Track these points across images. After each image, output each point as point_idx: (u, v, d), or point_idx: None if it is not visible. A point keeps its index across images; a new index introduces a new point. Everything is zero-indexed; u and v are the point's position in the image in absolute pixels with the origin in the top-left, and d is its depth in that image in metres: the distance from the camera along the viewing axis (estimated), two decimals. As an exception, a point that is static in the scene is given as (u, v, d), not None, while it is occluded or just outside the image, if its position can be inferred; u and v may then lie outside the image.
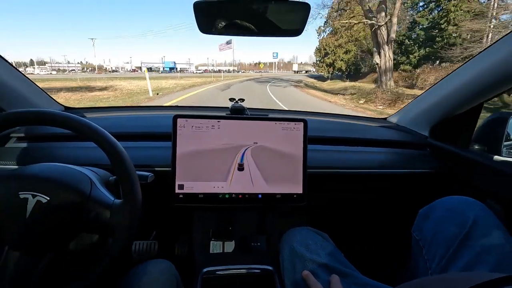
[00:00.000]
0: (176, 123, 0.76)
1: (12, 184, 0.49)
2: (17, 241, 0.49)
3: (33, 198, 0.48)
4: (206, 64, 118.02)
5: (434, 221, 0.64)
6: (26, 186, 0.49)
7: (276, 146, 0.80)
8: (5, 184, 0.50)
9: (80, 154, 0.84)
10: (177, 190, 0.77)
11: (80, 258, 0.65)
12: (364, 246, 1.26)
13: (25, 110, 0.52)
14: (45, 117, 0.51)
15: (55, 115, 0.51)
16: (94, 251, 0.66)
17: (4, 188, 0.49)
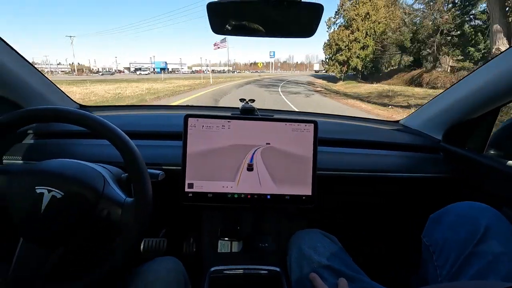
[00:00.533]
0: (187, 122, 0.77)
1: (29, 179, 0.51)
2: (32, 234, 0.51)
3: (48, 193, 0.49)
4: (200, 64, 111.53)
5: (445, 226, 0.62)
6: (42, 181, 0.50)
7: (286, 147, 0.79)
8: (23, 179, 0.51)
9: (94, 151, 0.86)
10: (187, 189, 0.78)
11: (90, 253, 0.66)
12: (373, 250, 1.24)
13: (44, 107, 0.53)
14: (62, 115, 0.53)
15: (72, 113, 0.53)
16: (104, 247, 0.67)
17: (21, 182, 0.51)
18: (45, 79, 0.98)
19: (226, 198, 0.79)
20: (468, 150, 0.93)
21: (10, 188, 0.51)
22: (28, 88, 0.90)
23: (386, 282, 0.63)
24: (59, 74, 57.89)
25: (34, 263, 0.50)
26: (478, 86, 0.83)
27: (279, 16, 0.68)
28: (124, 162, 0.54)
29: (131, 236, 0.52)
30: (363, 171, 0.92)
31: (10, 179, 0.52)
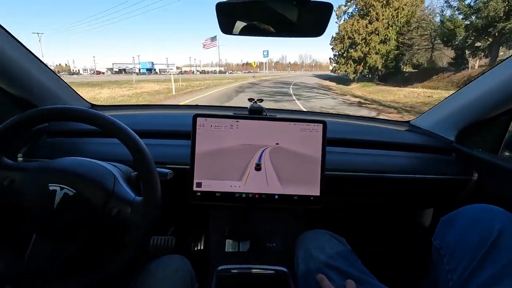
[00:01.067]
0: (196, 122, 0.78)
1: (43, 176, 0.52)
2: (44, 229, 0.52)
3: (61, 191, 0.50)
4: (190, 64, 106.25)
5: (457, 229, 0.60)
6: (55, 178, 0.51)
7: (294, 147, 0.79)
8: (37, 176, 0.53)
9: (105, 150, 0.87)
10: (195, 188, 0.78)
11: (100, 250, 0.67)
12: (382, 252, 1.23)
13: (59, 106, 0.55)
14: (76, 114, 0.54)
15: (85, 113, 0.54)
16: (113, 245, 0.68)
17: (35, 179, 0.52)
18: (58, 79, 1.01)
19: (234, 197, 0.79)
20: (483, 152, 0.91)
21: (24, 184, 0.52)
22: (42, 88, 0.93)
23: (395, 285, 0.62)
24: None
25: (46, 258, 0.52)
26: (494, 85, 0.80)
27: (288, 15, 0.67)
28: (133, 160, 0.55)
29: (140, 234, 0.53)
30: (372, 172, 0.91)
31: (25, 176, 0.53)
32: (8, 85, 0.85)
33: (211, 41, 42.10)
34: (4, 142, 0.54)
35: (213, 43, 42.17)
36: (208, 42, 42.84)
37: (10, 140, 0.54)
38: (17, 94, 0.88)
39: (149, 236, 0.54)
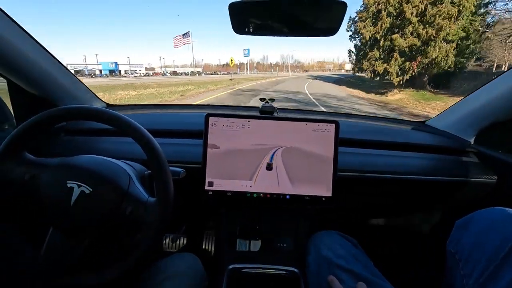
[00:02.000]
0: (208, 121, 0.78)
1: (62, 173, 0.54)
2: (61, 225, 0.54)
3: (78, 188, 0.52)
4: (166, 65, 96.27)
5: (474, 233, 0.58)
6: (73, 176, 0.53)
7: (306, 148, 0.78)
8: (56, 172, 0.55)
9: (120, 148, 0.89)
10: (207, 187, 0.79)
11: (113, 247, 0.69)
12: (394, 255, 1.20)
13: (76, 106, 0.57)
14: (93, 114, 0.56)
15: (101, 112, 0.56)
16: (126, 243, 0.70)
17: (55, 176, 0.54)
18: (76, 80, 1.04)
19: (245, 197, 0.79)
20: (504, 153, 0.87)
21: (44, 180, 0.54)
22: (61, 88, 0.96)
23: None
24: None
25: (62, 251, 0.54)
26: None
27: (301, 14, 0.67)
28: (147, 159, 0.56)
29: (152, 234, 0.54)
30: (386, 173, 0.89)
31: (45, 172, 0.55)
32: (30, 86, 0.88)
33: (183, 37, 35.74)
34: (27, 139, 0.56)
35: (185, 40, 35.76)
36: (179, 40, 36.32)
37: (31, 138, 0.56)
38: (38, 94, 0.91)
39: (161, 235, 0.55)
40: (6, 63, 0.78)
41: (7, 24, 0.74)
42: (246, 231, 0.91)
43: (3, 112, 0.89)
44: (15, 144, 0.55)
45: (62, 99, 0.97)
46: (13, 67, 0.80)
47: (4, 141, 0.54)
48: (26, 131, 0.55)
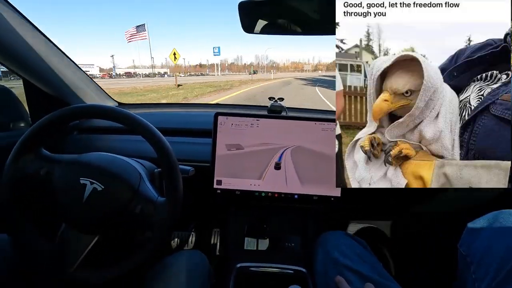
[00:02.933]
0: (217, 120, 0.78)
1: (75, 170, 0.55)
2: (73, 220, 0.55)
3: (90, 185, 0.53)
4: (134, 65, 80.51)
5: (486, 237, 0.56)
6: (86, 173, 0.54)
7: (315, 147, 0.78)
8: (70, 169, 0.56)
9: (130, 146, 0.90)
10: (215, 186, 0.79)
11: (122, 244, 0.69)
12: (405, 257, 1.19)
13: (89, 104, 0.57)
14: (105, 112, 0.57)
15: (113, 111, 0.56)
16: (135, 240, 0.70)
17: (68, 172, 0.55)
18: (89, 79, 1.05)
19: (254, 196, 0.79)
20: None
21: (58, 176, 0.55)
22: (75, 88, 0.97)
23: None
24: None
25: (73, 245, 0.54)
26: None
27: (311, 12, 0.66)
28: (157, 158, 0.56)
29: (161, 232, 0.54)
30: None
31: (60, 168, 0.56)
32: (45, 85, 0.89)
33: (137, 31, 29.06)
34: (42, 136, 0.57)
35: (140, 34, 29.22)
36: (133, 33, 29.38)
37: (47, 135, 0.57)
38: (53, 93, 0.92)
39: (169, 234, 0.55)
40: (22, 63, 0.80)
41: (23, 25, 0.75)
42: (254, 230, 0.90)
43: (19, 111, 0.91)
44: (31, 141, 0.55)
45: (75, 98, 0.98)
46: (29, 67, 0.82)
47: (21, 138, 0.55)
48: (42, 128, 0.55)
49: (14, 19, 0.73)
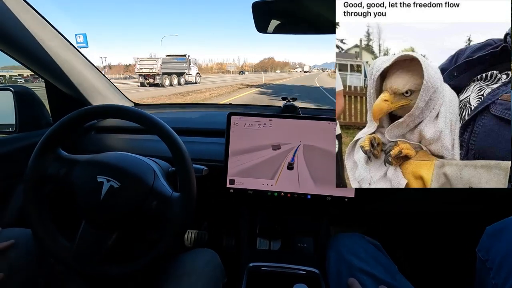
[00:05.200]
0: (230, 120, 0.79)
1: (92, 169, 0.58)
2: (92, 217, 0.57)
3: (107, 183, 0.55)
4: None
5: (506, 241, 0.54)
6: (102, 171, 0.57)
7: (328, 147, 0.77)
8: (87, 168, 0.58)
9: (146, 146, 0.93)
10: (228, 185, 0.80)
11: (139, 241, 0.72)
12: (422, 260, 1.15)
13: (108, 105, 0.60)
14: (122, 112, 0.59)
15: (130, 111, 0.59)
16: (152, 236, 0.73)
17: (85, 172, 0.58)
18: (106, 80, 1.10)
19: (266, 196, 0.79)
20: None
21: (77, 175, 0.58)
22: (93, 89, 1.02)
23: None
24: None
25: (94, 243, 0.57)
26: None
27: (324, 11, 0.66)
28: (172, 157, 0.58)
29: (177, 227, 0.56)
30: None
31: (78, 168, 0.59)
32: (66, 87, 0.95)
33: None
34: (61, 137, 0.60)
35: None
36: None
37: (66, 135, 0.60)
38: (72, 94, 0.97)
39: (185, 230, 0.57)
40: (45, 66, 0.85)
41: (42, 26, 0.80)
42: (266, 230, 0.91)
43: (41, 110, 0.97)
44: (51, 142, 0.59)
45: (93, 98, 1.03)
46: (50, 69, 0.86)
47: (40, 140, 0.58)
48: (60, 128, 0.58)
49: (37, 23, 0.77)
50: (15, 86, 0.91)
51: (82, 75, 0.96)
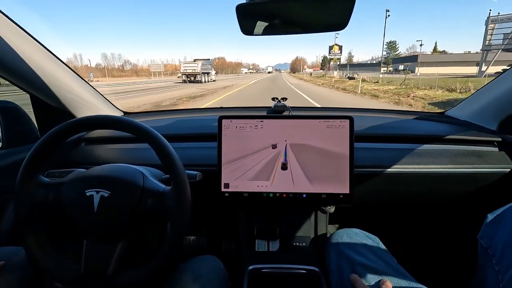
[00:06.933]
0: (221, 123, 0.79)
1: (79, 186, 0.56)
2: (91, 232, 0.56)
3: (97, 194, 0.55)
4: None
5: (508, 228, 0.55)
6: (90, 185, 0.56)
7: (321, 145, 0.77)
8: (74, 186, 0.57)
9: (138, 155, 0.92)
10: (223, 189, 0.79)
11: (147, 243, 0.71)
12: (420, 252, 1.17)
13: (95, 115, 0.59)
14: (111, 122, 0.58)
15: (119, 120, 0.58)
16: (158, 235, 0.72)
17: (73, 190, 0.57)
18: (93, 90, 1.08)
19: (262, 197, 0.79)
20: None
21: (66, 196, 0.57)
22: (79, 99, 1.00)
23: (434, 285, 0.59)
24: None
25: (100, 259, 0.55)
26: None
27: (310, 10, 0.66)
28: (162, 164, 0.58)
29: (176, 220, 0.56)
30: (406, 167, 0.87)
31: (64, 189, 0.57)
32: (50, 99, 0.92)
33: None
34: (43, 159, 0.58)
35: None
36: None
37: (48, 155, 0.58)
38: (58, 106, 0.95)
39: (187, 221, 0.56)
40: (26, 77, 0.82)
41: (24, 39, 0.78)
42: (264, 232, 0.91)
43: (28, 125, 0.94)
44: (33, 166, 0.57)
45: (80, 109, 1.01)
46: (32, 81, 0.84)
47: (22, 165, 0.56)
48: (40, 149, 0.57)
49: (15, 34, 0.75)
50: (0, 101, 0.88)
51: (69, 86, 0.93)
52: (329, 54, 43.17)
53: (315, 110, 1.20)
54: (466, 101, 1.09)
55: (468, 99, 1.08)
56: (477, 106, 1.01)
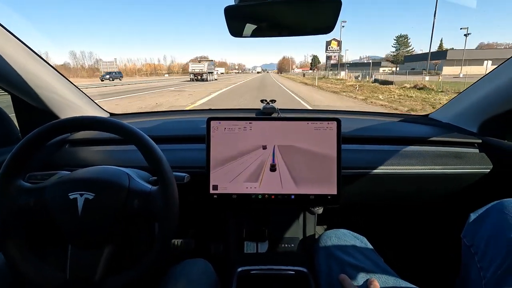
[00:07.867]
0: (210, 125, 0.78)
1: (62, 188, 0.54)
2: (76, 237, 0.54)
3: (81, 197, 0.53)
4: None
5: (489, 225, 0.57)
6: (73, 188, 0.54)
7: (308, 147, 0.78)
8: (56, 189, 0.55)
9: (124, 157, 0.90)
10: (211, 191, 0.79)
11: (135, 245, 0.69)
12: (406, 251, 1.19)
13: (80, 116, 0.57)
14: (96, 123, 0.57)
15: (105, 122, 0.57)
16: (146, 237, 0.70)
17: (55, 191, 0.55)
18: (78, 91, 1.05)
19: (250, 199, 0.79)
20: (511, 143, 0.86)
21: (48, 200, 0.54)
22: (63, 100, 0.97)
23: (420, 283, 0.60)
24: None
25: (86, 265, 0.54)
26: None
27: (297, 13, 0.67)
28: (149, 166, 0.57)
29: (166, 221, 0.55)
30: (392, 169, 0.88)
31: (46, 193, 0.55)
32: (32, 99, 0.89)
33: None
34: (23, 163, 0.55)
35: None
36: None
37: (28, 159, 0.56)
38: (40, 107, 0.92)
39: (175, 221, 0.55)
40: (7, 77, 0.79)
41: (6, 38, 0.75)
42: (252, 233, 0.91)
43: (8, 126, 0.91)
44: (11, 170, 0.54)
45: (64, 110, 0.98)
46: (14, 81, 0.81)
47: (2, 168, 0.54)
48: (17, 156, 0.54)
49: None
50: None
51: (52, 87, 0.91)
52: (326, 51, 40.82)
53: (304, 112, 1.21)
54: (449, 103, 1.12)
55: (450, 101, 1.12)
56: (459, 108, 1.04)
